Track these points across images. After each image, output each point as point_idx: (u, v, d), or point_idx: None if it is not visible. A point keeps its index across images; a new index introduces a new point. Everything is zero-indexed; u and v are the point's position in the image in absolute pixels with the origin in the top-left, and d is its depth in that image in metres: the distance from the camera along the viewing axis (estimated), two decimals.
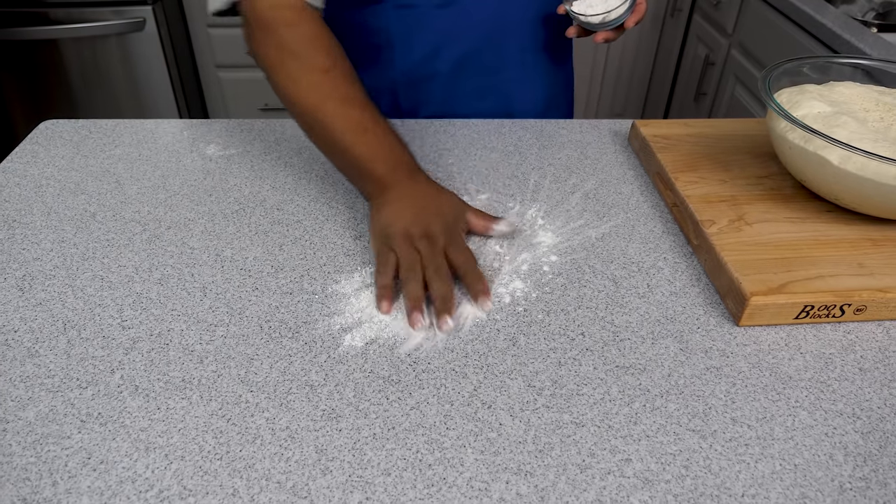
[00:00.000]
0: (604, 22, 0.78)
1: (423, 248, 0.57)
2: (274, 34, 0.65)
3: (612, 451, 0.45)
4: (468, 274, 0.57)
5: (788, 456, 0.45)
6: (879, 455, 0.46)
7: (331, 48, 0.65)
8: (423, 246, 0.58)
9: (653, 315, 0.56)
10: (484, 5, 0.83)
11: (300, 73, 0.64)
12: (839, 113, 0.64)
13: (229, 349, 0.52)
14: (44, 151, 0.77)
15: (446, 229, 0.59)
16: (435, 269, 0.56)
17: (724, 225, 0.62)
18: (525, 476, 0.44)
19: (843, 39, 1.26)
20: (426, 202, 0.61)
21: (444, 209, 0.61)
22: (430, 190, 0.63)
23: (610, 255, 0.63)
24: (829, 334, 0.55)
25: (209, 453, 0.45)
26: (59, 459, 0.44)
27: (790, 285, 0.55)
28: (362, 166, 0.62)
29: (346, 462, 0.44)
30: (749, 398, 0.49)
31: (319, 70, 0.64)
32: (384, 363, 0.51)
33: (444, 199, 0.62)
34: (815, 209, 0.65)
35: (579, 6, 0.78)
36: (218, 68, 2.11)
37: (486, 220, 0.63)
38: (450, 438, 0.46)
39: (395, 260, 0.57)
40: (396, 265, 0.57)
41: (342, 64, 0.65)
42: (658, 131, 0.78)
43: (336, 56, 0.65)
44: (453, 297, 0.55)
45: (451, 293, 0.55)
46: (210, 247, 0.63)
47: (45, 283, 0.58)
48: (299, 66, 0.64)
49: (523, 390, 0.49)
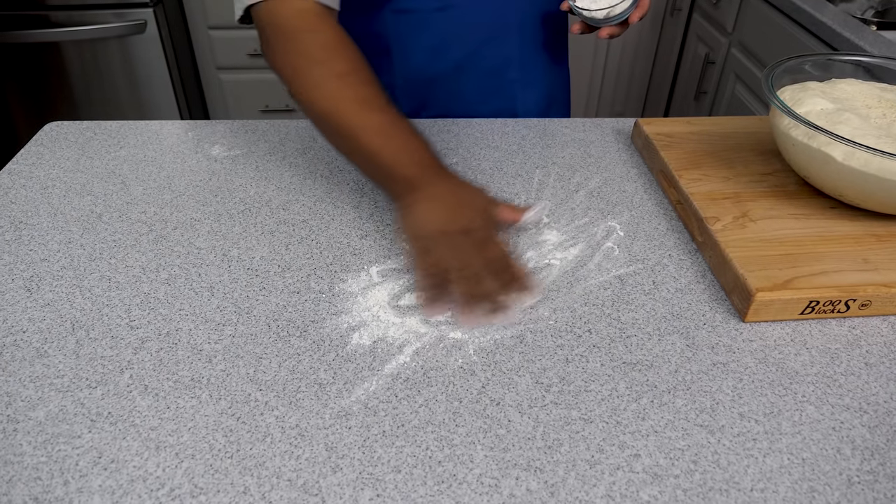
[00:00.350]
0: (608, 17, 0.77)
1: (464, 246, 0.57)
2: (296, 42, 0.64)
3: (620, 446, 0.46)
4: (507, 269, 0.57)
5: (796, 450, 0.46)
6: (887, 448, 0.46)
7: (351, 53, 0.65)
8: (463, 243, 0.57)
9: (659, 312, 0.57)
10: (482, 7, 0.83)
11: (322, 79, 0.63)
12: (842, 110, 0.64)
13: (238, 348, 0.52)
14: (49, 153, 0.77)
15: (483, 224, 0.59)
16: (482, 266, 0.56)
17: (729, 222, 0.62)
18: (535, 472, 0.44)
19: (842, 37, 1.26)
20: (458, 199, 0.60)
21: (477, 204, 0.60)
22: (460, 187, 0.62)
23: (615, 253, 0.63)
24: (835, 329, 0.56)
25: (219, 452, 0.45)
26: (69, 459, 0.44)
27: (795, 281, 0.55)
28: (388, 169, 0.61)
29: (356, 459, 0.44)
30: (756, 393, 0.50)
31: (340, 75, 0.63)
32: (392, 361, 0.51)
33: (474, 194, 0.62)
34: (819, 205, 0.65)
35: (583, 2, 0.78)
36: (219, 70, 2.11)
37: (515, 211, 0.64)
38: (459, 435, 0.46)
39: (434, 261, 0.56)
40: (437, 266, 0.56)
41: (363, 68, 0.65)
42: (661, 129, 0.78)
43: (356, 61, 0.65)
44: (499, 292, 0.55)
45: (496, 289, 0.55)
46: (216, 247, 0.63)
47: (53, 284, 0.58)
48: (321, 72, 0.63)
49: (531, 387, 0.50)
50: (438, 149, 0.79)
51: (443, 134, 0.83)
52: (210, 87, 2.16)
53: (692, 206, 0.65)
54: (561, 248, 0.63)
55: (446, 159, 0.77)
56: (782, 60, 0.71)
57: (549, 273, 0.60)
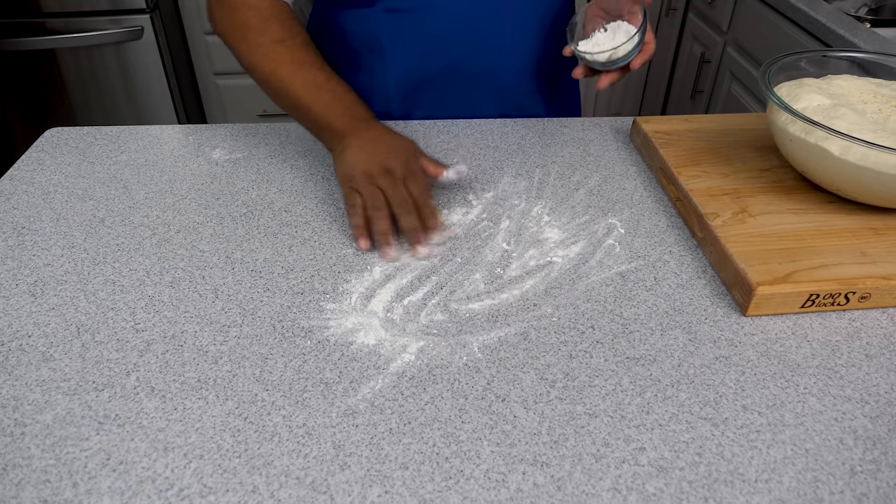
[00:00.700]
0: (610, 60, 0.75)
1: (384, 184, 0.63)
2: (234, 13, 0.73)
3: (625, 440, 0.46)
4: (423, 207, 0.63)
5: (799, 441, 0.46)
6: (889, 438, 0.46)
7: (287, 22, 0.73)
8: (384, 182, 0.63)
9: (661, 307, 0.57)
10: (472, 10, 0.82)
11: (258, 44, 0.72)
12: (838, 105, 0.65)
13: (243, 349, 0.53)
14: (50, 159, 0.78)
15: (403, 164, 0.64)
16: (400, 203, 0.62)
17: (728, 217, 0.63)
18: (541, 467, 0.44)
19: (837, 34, 1.27)
20: (382, 143, 0.66)
21: (399, 148, 0.66)
22: (385, 133, 0.68)
23: (616, 250, 0.64)
24: (835, 322, 0.56)
25: (228, 451, 0.45)
26: (78, 461, 0.44)
27: (795, 275, 0.56)
28: (321, 121, 0.69)
29: (363, 457, 0.45)
30: (759, 386, 0.50)
31: (276, 41, 0.72)
32: (397, 360, 0.52)
33: (398, 139, 0.67)
34: (818, 200, 0.66)
35: (585, 45, 0.77)
36: (216, 75, 2.12)
37: (437, 166, 0.67)
38: (465, 432, 0.46)
39: (362, 200, 0.63)
40: (364, 205, 0.63)
41: (298, 35, 0.73)
42: (659, 127, 0.78)
43: (292, 28, 0.73)
44: (420, 227, 0.62)
45: (417, 224, 0.62)
46: (220, 249, 0.63)
47: (57, 289, 0.58)
48: (257, 38, 0.72)
49: (536, 383, 0.50)
50: (440, 149, 0.80)
51: (442, 134, 0.83)
52: (207, 92, 2.16)
53: (692, 202, 0.66)
54: (562, 246, 0.64)
55: (447, 159, 0.77)
56: (779, 57, 0.72)
57: (550, 270, 0.61)
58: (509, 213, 0.68)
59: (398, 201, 0.62)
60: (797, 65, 0.73)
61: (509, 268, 0.61)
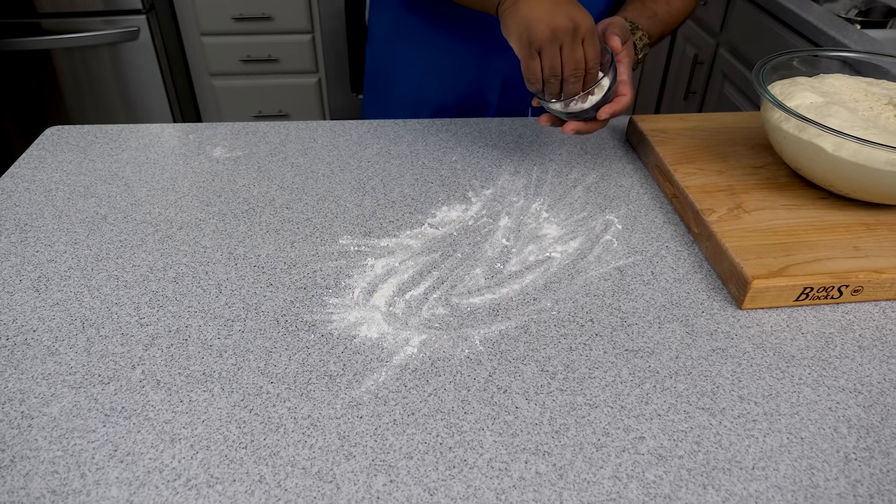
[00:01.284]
0: (571, 111, 0.69)
1: (567, 41, 0.61)
2: None
3: (625, 429, 0.47)
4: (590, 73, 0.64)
5: (795, 430, 0.47)
6: (881, 427, 0.47)
7: None
8: (567, 40, 0.61)
9: (658, 301, 0.58)
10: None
11: None
12: (831, 103, 0.66)
13: (248, 343, 0.53)
14: (51, 157, 0.78)
15: (588, 20, 0.62)
16: (573, 69, 0.62)
17: (724, 213, 0.64)
18: (543, 456, 0.45)
19: (828, 35, 1.28)
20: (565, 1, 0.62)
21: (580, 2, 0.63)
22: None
23: (613, 245, 0.65)
24: (829, 315, 0.57)
25: (234, 442, 0.46)
26: (85, 452, 0.45)
27: (790, 268, 0.57)
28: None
29: (368, 447, 0.45)
30: (755, 377, 0.51)
31: None
32: (400, 353, 0.53)
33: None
34: (811, 196, 0.67)
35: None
36: (212, 76, 2.12)
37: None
38: (468, 422, 0.47)
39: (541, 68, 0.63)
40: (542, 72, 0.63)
41: None
42: (655, 126, 0.79)
43: None
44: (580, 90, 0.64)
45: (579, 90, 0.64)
46: (222, 245, 0.64)
47: (61, 284, 0.59)
48: None
49: (537, 375, 0.51)
50: (438, 147, 0.81)
51: (441, 133, 0.84)
52: (203, 93, 2.17)
53: (688, 198, 0.67)
54: (561, 242, 0.65)
55: (446, 157, 0.78)
56: (772, 57, 0.73)
57: (550, 265, 0.62)
58: (508, 210, 0.69)
59: (572, 66, 0.62)
60: (790, 64, 0.75)
61: (509, 263, 0.62)
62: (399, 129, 0.84)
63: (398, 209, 0.69)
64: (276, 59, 2.08)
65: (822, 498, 0.43)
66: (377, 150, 0.80)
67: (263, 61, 2.09)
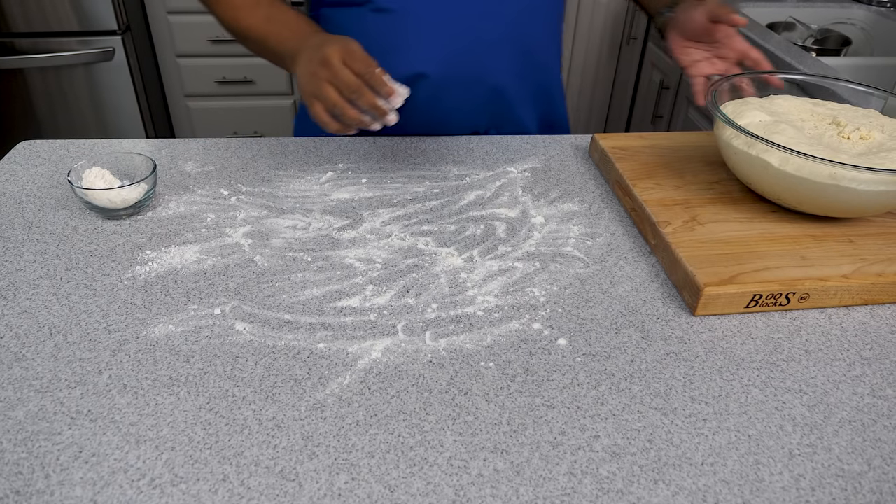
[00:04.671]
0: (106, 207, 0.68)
1: (326, 75, 0.64)
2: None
3: (581, 429, 0.49)
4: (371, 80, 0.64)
5: (743, 428, 0.49)
6: (824, 424, 0.50)
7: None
8: (326, 74, 0.64)
9: (616, 308, 0.60)
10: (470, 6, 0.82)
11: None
12: (779, 121, 0.70)
13: (214, 348, 0.54)
14: (22, 170, 0.79)
15: (339, 49, 0.65)
16: (348, 87, 0.64)
17: (679, 225, 0.67)
18: (501, 454, 0.46)
19: (785, 62, 1.34)
20: (317, 44, 0.67)
21: (333, 39, 0.67)
22: (326, 36, 0.70)
23: (574, 257, 0.67)
24: (777, 321, 0.60)
25: (199, 444, 0.46)
26: (50, 454, 0.45)
27: (740, 276, 0.60)
28: (277, 50, 0.74)
29: (331, 447, 0.46)
30: (706, 379, 0.53)
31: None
32: (364, 357, 0.54)
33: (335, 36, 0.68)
34: (761, 210, 0.70)
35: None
36: (186, 97, 2.13)
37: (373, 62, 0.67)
38: (429, 423, 0.49)
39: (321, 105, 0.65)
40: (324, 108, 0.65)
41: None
42: (616, 143, 0.83)
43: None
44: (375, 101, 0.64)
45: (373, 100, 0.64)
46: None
47: (30, 293, 0.59)
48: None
49: (497, 378, 0.52)
50: (407, 163, 0.83)
51: (410, 150, 0.86)
52: (177, 113, 2.18)
53: (645, 211, 0.69)
54: (523, 252, 0.67)
55: (414, 172, 0.80)
56: (725, 77, 0.77)
57: (512, 275, 0.64)
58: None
59: (346, 86, 0.64)
60: (742, 85, 0.78)
61: (473, 273, 0.64)
62: (372, 142, 0.86)
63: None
64: (251, 80, 2.10)
65: (767, 491, 0.45)
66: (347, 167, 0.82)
67: (239, 83, 2.10)
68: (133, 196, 0.69)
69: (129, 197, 0.68)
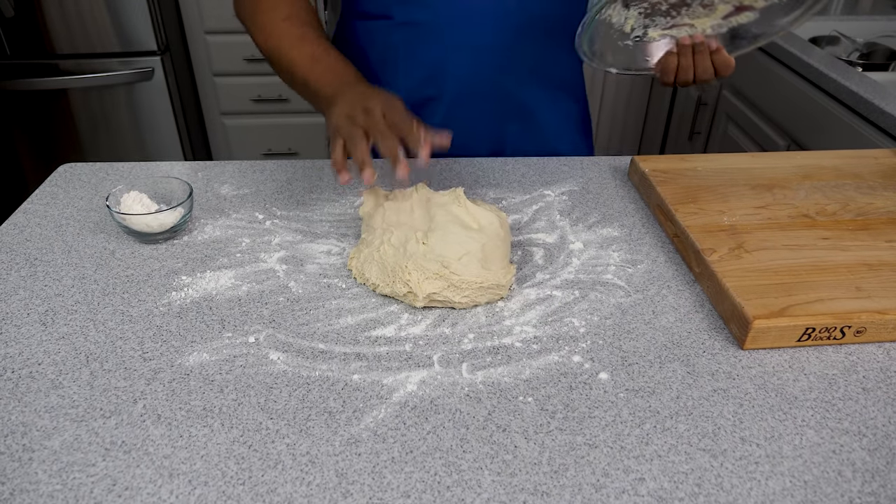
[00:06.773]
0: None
1: (364, 121, 0.63)
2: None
3: (625, 470, 0.46)
4: (404, 130, 0.61)
5: (798, 473, 0.46)
6: (887, 471, 0.47)
7: (295, 2, 0.79)
8: (364, 120, 0.63)
9: (659, 340, 0.58)
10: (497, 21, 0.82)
11: (269, 23, 0.78)
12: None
13: (248, 378, 0.53)
14: (63, 193, 0.80)
15: (383, 101, 0.64)
16: (378, 132, 0.61)
17: (725, 253, 0.64)
18: (542, 496, 0.45)
19: (829, 78, 1.30)
20: (362, 93, 0.67)
21: (380, 93, 0.66)
22: (370, 87, 0.69)
23: (615, 285, 0.65)
24: (832, 356, 0.57)
25: (232, 479, 0.45)
26: (84, 486, 0.45)
27: (791, 309, 0.57)
28: (315, 90, 0.73)
29: (366, 485, 0.45)
30: (757, 418, 0.51)
31: (284, 18, 0.78)
32: (400, 390, 0.53)
33: (382, 91, 0.67)
34: (812, 237, 0.67)
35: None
36: (223, 115, 2.16)
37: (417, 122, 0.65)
38: (466, 461, 0.47)
39: (342, 141, 0.63)
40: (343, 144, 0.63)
41: (304, 11, 0.80)
42: (657, 166, 0.80)
43: (298, 6, 0.79)
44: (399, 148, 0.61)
45: (396, 147, 0.60)
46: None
47: (68, 318, 0.60)
48: (265, 16, 0.79)
49: (536, 414, 0.51)
50: (441, 186, 0.82)
51: (445, 173, 0.85)
52: (214, 131, 2.21)
53: (689, 238, 0.67)
54: (562, 280, 0.65)
55: None
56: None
57: (550, 304, 0.62)
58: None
59: (376, 130, 0.62)
60: None
61: (510, 301, 0.62)
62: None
63: None
64: (286, 98, 2.12)
65: None
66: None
67: (273, 101, 2.13)
68: (170, 221, 0.69)
69: (165, 221, 0.69)
